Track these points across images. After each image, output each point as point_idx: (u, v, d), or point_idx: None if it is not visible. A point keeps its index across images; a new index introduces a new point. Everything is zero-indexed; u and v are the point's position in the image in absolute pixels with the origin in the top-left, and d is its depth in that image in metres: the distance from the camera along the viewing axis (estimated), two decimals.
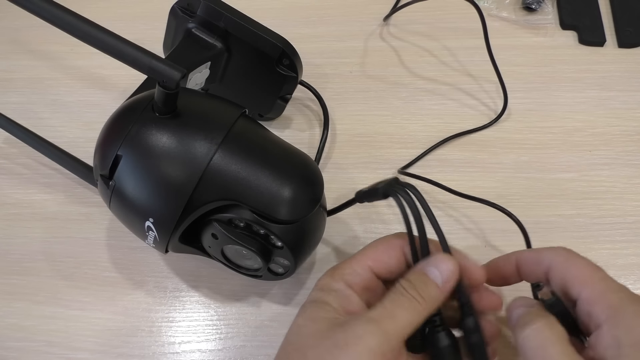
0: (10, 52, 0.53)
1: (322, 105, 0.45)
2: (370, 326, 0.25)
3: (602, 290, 0.25)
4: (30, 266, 0.41)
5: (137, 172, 0.30)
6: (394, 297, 0.26)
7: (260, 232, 0.31)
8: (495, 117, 0.46)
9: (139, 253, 0.41)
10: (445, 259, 0.27)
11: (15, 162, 0.46)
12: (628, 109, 0.46)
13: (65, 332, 0.38)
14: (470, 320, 0.27)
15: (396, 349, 0.25)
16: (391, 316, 0.25)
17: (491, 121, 0.46)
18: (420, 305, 0.26)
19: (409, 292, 0.26)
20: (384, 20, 0.52)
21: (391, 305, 0.26)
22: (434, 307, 0.26)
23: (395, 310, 0.26)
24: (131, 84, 0.39)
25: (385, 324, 0.25)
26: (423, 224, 0.27)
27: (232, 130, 0.31)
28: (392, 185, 0.29)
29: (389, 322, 0.25)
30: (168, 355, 0.37)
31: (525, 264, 0.29)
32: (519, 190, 0.43)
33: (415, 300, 0.26)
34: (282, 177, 0.31)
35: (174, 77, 0.28)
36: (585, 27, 0.51)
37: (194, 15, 0.40)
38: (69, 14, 0.28)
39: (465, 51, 0.50)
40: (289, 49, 0.39)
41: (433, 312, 0.27)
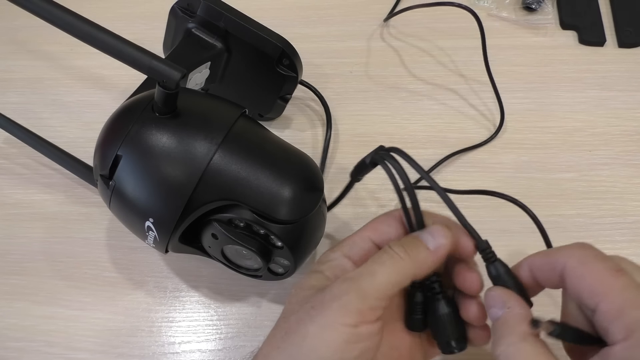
0: (10, 52, 0.53)
1: (324, 104, 0.45)
2: (346, 284, 0.25)
3: (620, 306, 0.22)
4: (30, 266, 0.41)
5: (137, 172, 0.30)
6: (378, 256, 0.26)
7: (260, 232, 0.31)
8: (493, 133, 0.45)
9: (139, 253, 0.41)
10: (441, 229, 0.26)
11: (15, 162, 0.46)
12: (628, 109, 0.46)
13: (65, 332, 0.38)
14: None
15: (376, 307, 0.25)
16: (370, 273, 0.25)
17: (487, 139, 0.45)
18: (405, 263, 0.25)
19: (395, 249, 0.26)
20: (384, 21, 0.52)
21: (372, 263, 0.25)
22: (423, 270, 0.26)
23: (375, 267, 0.25)
24: (131, 84, 0.39)
25: (362, 282, 0.25)
26: (414, 191, 0.27)
27: (232, 130, 0.31)
28: (377, 152, 0.29)
29: (367, 280, 0.25)
30: (168, 355, 0.37)
31: (538, 271, 0.26)
32: (519, 190, 0.43)
33: (399, 258, 0.25)
34: (282, 177, 0.31)
35: (174, 77, 0.28)
36: (585, 27, 0.51)
37: (194, 15, 0.40)
38: (69, 14, 0.28)
39: (465, 51, 0.50)
40: (289, 49, 0.39)
41: (422, 275, 0.26)
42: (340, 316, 0.24)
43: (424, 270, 0.26)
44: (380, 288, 0.24)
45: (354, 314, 0.24)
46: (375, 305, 0.24)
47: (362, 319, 0.24)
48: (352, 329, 0.24)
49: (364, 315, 0.24)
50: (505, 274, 0.27)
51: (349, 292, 0.24)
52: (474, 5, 0.53)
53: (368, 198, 0.43)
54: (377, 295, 0.24)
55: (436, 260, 0.26)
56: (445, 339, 0.27)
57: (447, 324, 0.27)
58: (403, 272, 0.25)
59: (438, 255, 0.26)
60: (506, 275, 0.26)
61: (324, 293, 0.25)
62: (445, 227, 0.27)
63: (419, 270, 0.26)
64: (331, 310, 0.24)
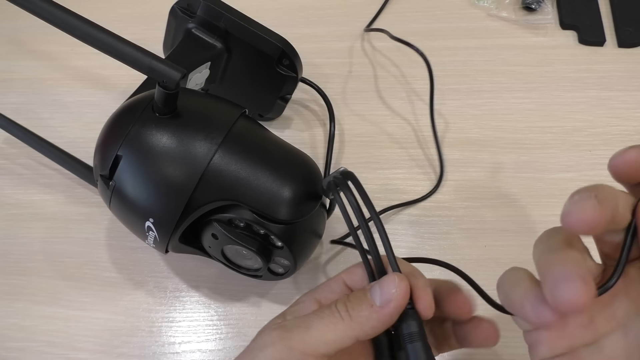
0: (10, 52, 0.53)
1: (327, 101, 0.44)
2: (276, 332, 0.24)
3: None
4: (30, 266, 0.41)
5: (137, 173, 0.30)
6: (321, 310, 0.24)
7: (260, 232, 0.31)
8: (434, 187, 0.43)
9: (139, 253, 0.41)
10: (393, 278, 0.24)
11: (15, 163, 0.46)
12: (628, 108, 0.46)
13: (66, 332, 0.38)
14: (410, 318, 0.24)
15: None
16: (305, 327, 0.24)
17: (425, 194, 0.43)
18: (344, 324, 0.23)
19: (337, 307, 0.24)
20: (364, 30, 0.52)
21: (312, 316, 0.24)
22: (367, 330, 0.23)
23: (312, 322, 0.24)
24: (131, 84, 0.39)
25: (293, 334, 0.23)
26: (368, 226, 0.25)
27: (232, 130, 0.31)
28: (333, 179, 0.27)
29: (298, 333, 0.23)
30: (168, 355, 0.37)
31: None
32: (519, 190, 0.43)
33: (339, 317, 0.23)
34: (282, 177, 0.31)
35: (174, 77, 0.28)
36: (585, 26, 0.51)
37: (194, 16, 0.40)
38: (69, 14, 0.28)
39: (465, 51, 0.50)
40: (289, 49, 0.39)
41: (371, 334, 0.23)
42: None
43: (368, 331, 0.23)
44: (311, 344, 0.23)
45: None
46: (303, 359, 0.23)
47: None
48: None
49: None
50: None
51: (275, 343, 0.24)
52: (474, 5, 0.53)
53: None
54: (305, 350, 0.23)
55: (383, 319, 0.23)
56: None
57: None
58: (340, 332, 0.23)
59: (384, 312, 0.23)
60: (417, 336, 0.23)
61: (257, 338, 0.24)
62: (398, 276, 0.24)
63: (362, 330, 0.23)
64: (254, 358, 0.24)
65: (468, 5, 0.53)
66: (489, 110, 0.47)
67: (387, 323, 0.23)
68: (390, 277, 0.24)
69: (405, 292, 0.23)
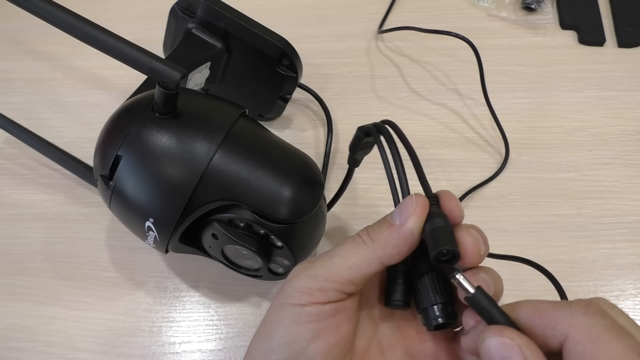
0: (10, 52, 0.53)
1: (324, 108, 0.45)
2: (300, 267, 0.25)
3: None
4: (30, 266, 0.41)
5: (137, 173, 0.30)
6: (344, 241, 0.25)
7: (260, 232, 0.31)
8: (498, 169, 0.43)
9: (139, 253, 0.41)
10: (410, 198, 0.24)
11: (15, 163, 0.46)
12: (628, 108, 0.46)
13: (66, 332, 0.38)
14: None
15: (328, 289, 0.23)
16: (329, 256, 0.24)
17: (495, 172, 0.43)
18: (366, 247, 0.23)
19: (360, 234, 0.24)
20: (378, 32, 0.52)
21: (335, 247, 0.25)
22: (389, 251, 0.23)
23: (335, 251, 0.24)
24: (131, 84, 0.39)
25: (316, 264, 0.24)
26: (401, 161, 0.25)
27: (232, 130, 0.31)
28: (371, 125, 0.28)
29: (321, 262, 0.24)
30: (168, 355, 0.37)
31: (537, 327, 0.20)
32: (518, 190, 0.43)
33: (361, 241, 0.24)
34: (282, 177, 0.31)
35: (174, 77, 0.28)
36: (585, 26, 0.51)
37: (194, 16, 0.40)
38: (69, 14, 0.28)
39: (465, 51, 0.50)
40: (289, 49, 0.39)
41: (396, 257, 0.23)
42: (289, 296, 0.24)
43: (391, 251, 0.23)
44: (334, 270, 0.23)
45: (302, 294, 0.23)
46: (326, 286, 0.23)
47: (311, 299, 0.23)
48: (299, 308, 0.23)
49: (313, 295, 0.23)
50: (441, 226, 0.23)
51: (300, 273, 0.24)
52: (474, 5, 0.53)
53: (368, 198, 0.43)
54: (328, 277, 0.23)
55: (403, 236, 0.23)
56: (427, 304, 0.24)
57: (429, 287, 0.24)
58: (363, 255, 0.23)
59: (404, 229, 0.23)
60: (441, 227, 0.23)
61: (286, 279, 0.25)
62: (417, 195, 0.24)
63: (385, 252, 0.23)
64: (282, 292, 0.24)
65: (468, 5, 0.53)
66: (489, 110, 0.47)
67: (409, 241, 0.23)
68: (408, 197, 0.24)
69: (424, 207, 0.23)
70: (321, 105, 0.45)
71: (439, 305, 0.23)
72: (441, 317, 0.23)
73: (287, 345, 0.23)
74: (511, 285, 0.28)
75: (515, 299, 0.22)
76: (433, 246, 0.22)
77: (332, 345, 0.23)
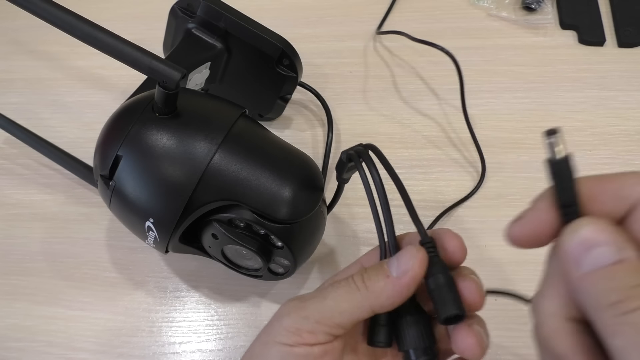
0: (10, 52, 0.53)
1: (325, 107, 0.45)
2: (292, 304, 0.25)
3: None
4: (30, 266, 0.41)
5: (137, 173, 0.30)
6: (338, 282, 0.25)
7: (260, 232, 0.31)
8: (474, 187, 0.43)
9: (139, 253, 0.41)
10: (410, 249, 0.23)
11: (15, 163, 0.46)
12: (628, 108, 0.46)
13: (66, 333, 0.38)
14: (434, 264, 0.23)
15: (318, 331, 0.23)
16: (322, 298, 0.24)
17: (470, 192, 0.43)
18: (359, 295, 0.23)
19: (354, 279, 0.24)
20: (376, 33, 0.52)
21: (329, 287, 0.25)
22: (383, 301, 0.23)
23: (328, 293, 0.24)
24: (131, 84, 0.39)
25: (308, 304, 0.24)
26: (385, 194, 0.25)
27: (232, 130, 0.31)
28: (354, 148, 0.27)
29: (314, 303, 0.24)
30: (168, 355, 0.37)
31: (597, 202, 0.19)
32: (518, 190, 0.43)
33: (355, 288, 0.24)
34: (282, 177, 0.31)
35: (174, 77, 0.28)
36: (585, 26, 0.51)
37: (194, 16, 0.40)
38: (69, 14, 0.28)
39: (464, 51, 0.50)
40: (289, 49, 0.39)
41: (388, 307, 0.23)
42: (277, 334, 0.24)
43: (384, 302, 0.23)
44: (325, 313, 0.23)
45: (291, 334, 0.24)
46: (316, 329, 0.23)
47: (299, 340, 0.23)
48: (288, 348, 0.24)
49: (302, 337, 0.23)
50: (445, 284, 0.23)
51: (291, 312, 0.24)
52: (474, 5, 0.53)
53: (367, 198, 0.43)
54: (319, 319, 0.23)
55: (399, 289, 0.23)
56: (409, 346, 0.24)
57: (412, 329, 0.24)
58: (356, 302, 0.23)
59: (401, 283, 0.23)
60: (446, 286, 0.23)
61: (275, 313, 0.25)
62: (416, 247, 0.24)
63: (377, 301, 0.23)
64: (272, 328, 0.24)
65: (468, 5, 0.53)
66: (489, 110, 0.47)
67: (404, 294, 0.23)
68: (407, 248, 0.24)
69: (423, 262, 0.23)
70: (322, 103, 0.45)
71: (421, 348, 0.24)
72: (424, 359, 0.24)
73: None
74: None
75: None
76: (442, 310, 0.23)
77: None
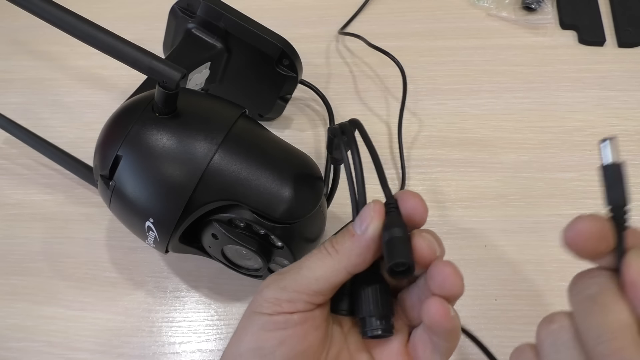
0: (10, 52, 0.53)
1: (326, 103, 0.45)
2: (271, 278, 0.26)
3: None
4: (30, 266, 0.41)
5: (137, 173, 0.30)
6: (311, 253, 0.25)
7: (260, 232, 0.31)
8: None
9: (139, 253, 0.41)
10: (368, 205, 0.24)
11: (15, 163, 0.46)
12: (628, 108, 0.46)
13: (66, 333, 0.38)
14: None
15: (296, 300, 0.24)
16: (298, 268, 0.25)
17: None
18: (332, 258, 0.24)
19: (325, 246, 0.25)
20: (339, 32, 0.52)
21: (304, 259, 0.25)
22: (352, 259, 0.24)
23: (303, 263, 0.25)
24: (131, 84, 0.39)
25: (285, 275, 0.25)
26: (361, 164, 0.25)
27: (232, 130, 0.31)
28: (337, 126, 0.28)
29: (290, 274, 0.25)
30: (168, 355, 0.37)
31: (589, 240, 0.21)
32: (518, 190, 0.43)
33: (326, 253, 0.24)
34: (282, 177, 0.31)
35: (174, 77, 0.28)
36: (585, 26, 0.51)
37: (194, 16, 0.40)
38: (69, 15, 0.28)
39: (464, 51, 0.50)
40: (289, 49, 0.39)
41: (361, 265, 0.24)
42: (258, 306, 0.25)
43: (355, 260, 0.24)
44: (302, 282, 0.24)
45: (271, 304, 0.24)
46: (294, 297, 0.24)
47: (279, 309, 0.24)
48: (267, 317, 0.24)
49: (282, 306, 0.24)
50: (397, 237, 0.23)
51: (270, 285, 0.25)
52: (474, 5, 0.53)
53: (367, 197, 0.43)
54: (296, 289, 0.24)
55: (365, 244, 0.23)
56: (365, 314, 0.24)
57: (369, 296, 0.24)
58: (329, 267, 0.24)
59: (366, 237, 0.23)
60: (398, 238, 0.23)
61: (257, 289, 0.26)
62: (374, 202, 0.24)
63: (349, 261, 0.24)
64: (253, 302, 0.25)
65: (468, 5, 0.53)
66: (489, 110, 0.47)
67: (372, 249, 0.24)
68: (367, 205, 0.24)
69: (380, 212, 0.24)
70: (323, 101, 0.45)
71: (376, 317, 0.24)
72: (379, 329, 0.24)
73: (254, 350, 0.24)
74: None
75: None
76: (388, 258, 0.22)
77: (298, 353, 0.24)
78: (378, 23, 0.53)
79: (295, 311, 0.24)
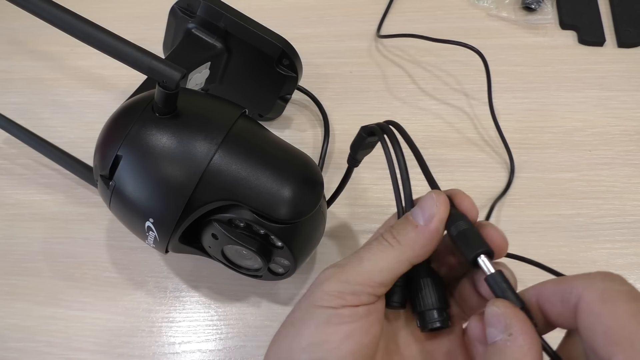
0: (10, 52, 0.53)
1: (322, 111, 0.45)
2: (330, 271, 0.25)
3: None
4: (30, 267, 0.41)
5: (137, 173, 0.30)
6: (369, 244, 0.25)
7: (260, 232, 0.31)
8: (503, 190, 0.43)
9: (139, 253, 0.41)
10: (430, 195, 0.24)
11: (15, 163, 0.46)
12: (628, 108, 0.46)
13: (66, 333, 0.38)
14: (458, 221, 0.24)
15: (360, 292, 0.24)
16: (357, 260, 0.24)
17: (505, 188, 0.43)
18: (393, 249, 0.24)
19: (385, 237, 0.24)
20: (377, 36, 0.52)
21: (362, 250, 0.25)
22: (417, 251, 0.24)
23: (362, 254, 0.24)
24: (131, 84, 0.39)
25: (346, 268, 0.24)
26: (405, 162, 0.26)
27: (232, 130, 0.31)
28: (375, 125, 0.28)
29: (351, 266, 0.24)
30: (168, 355, 0.37)
31: (548, 302, 0.22)
32: (519, 190, 0.43)
33: (388, 244, 0.24)
34: (282, 177, 0.31)
35: (174, 77, 0.28)
36: (584, 26, 0.51)
37: (194, 16, 0.40)
38: (69, 15, 0.28)
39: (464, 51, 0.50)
40: (289, 49, 0.39)
41: (423, 256, 0.24)
42: (319, 299, 0.24)
43: (418, 251, 0.24)
44: (364, 274, 0.24)
45: (334, 297, 0.24)
46: (358, 290, 0.24)
47: (344, 302, 0.24)
48: (332, 310, 0.24)
49: (345, 299, 0.24)
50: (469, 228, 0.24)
51: (331, 277, 0.24)
52: (474, 5, 0.53)
53: (367, 197, 0.43)
54: (360, 281, 0.24)
55: (430, 236, 0.24)
56: (424, 308, 0.24)
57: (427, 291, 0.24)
58: (392, 258, 0.24)
59: (430, 229, 0.23)
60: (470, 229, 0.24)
61: (313, 282, 0.25)
62: (435, 191, 0.25)
63: (412, 252, 0.24)
64: (313, 295, 0.24)
65: (468, 5, 0.53)
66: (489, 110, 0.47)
67: (435, 239, 0.24)
68: (427, 195, 0.24)
69: (445, 204, 0.24)
70: (319, 107, 0.45)
71: (435, 309, 0.24)
72: (438, 322, 0.24)
73: (319, 345, 0.23)
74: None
75: None
76: (469, 249, 0.23)
77: (363, 346, 0.24)
78: (377, 23, 0.53)
79: (360, 304, 0.24)
